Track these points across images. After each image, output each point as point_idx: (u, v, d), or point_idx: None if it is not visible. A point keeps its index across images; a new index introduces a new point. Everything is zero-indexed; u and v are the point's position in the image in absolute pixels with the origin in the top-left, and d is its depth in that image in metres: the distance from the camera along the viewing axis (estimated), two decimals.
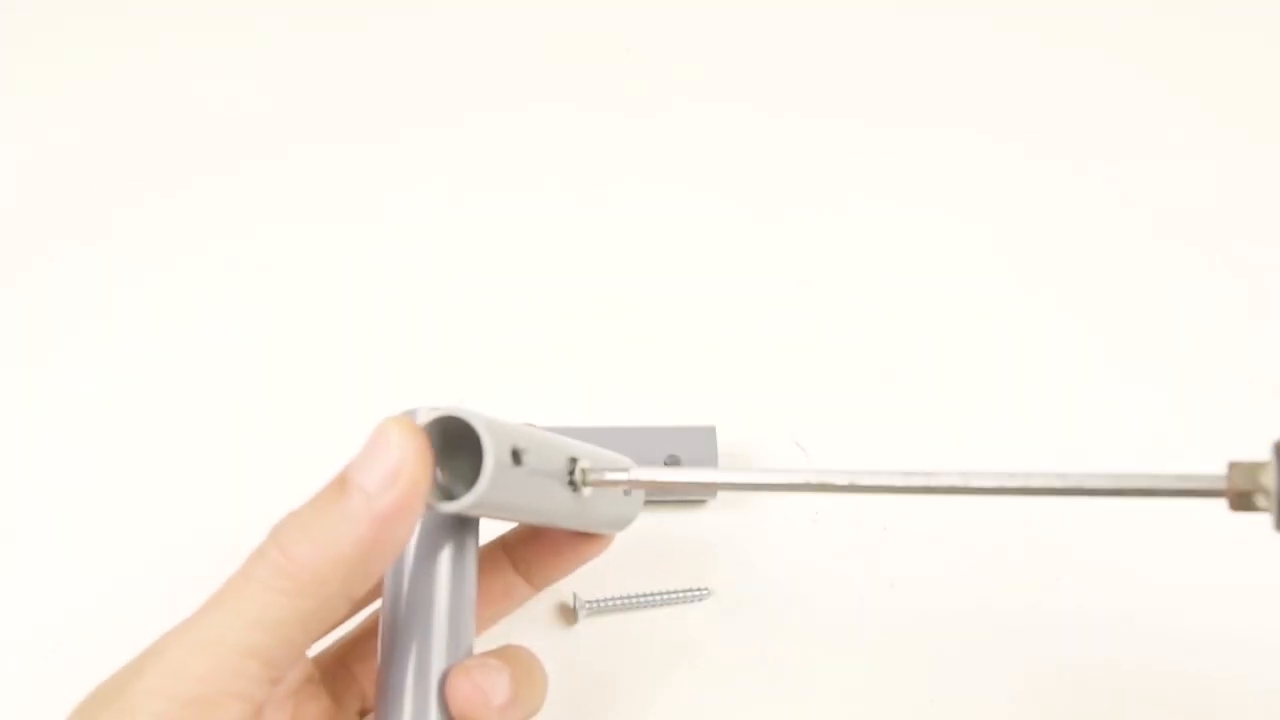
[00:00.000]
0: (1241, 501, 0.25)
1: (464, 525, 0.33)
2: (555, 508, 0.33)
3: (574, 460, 0.33)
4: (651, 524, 0.40)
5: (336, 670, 0.37)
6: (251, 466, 0.48)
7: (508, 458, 0.30)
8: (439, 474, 0.30)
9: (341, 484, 0.28)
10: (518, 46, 0.62)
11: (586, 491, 0.33)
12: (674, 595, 0.44)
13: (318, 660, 0.37)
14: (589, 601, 0.43)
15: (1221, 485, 0.25)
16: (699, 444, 0.45)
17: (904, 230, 0.55)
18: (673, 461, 0.44)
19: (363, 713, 0.36)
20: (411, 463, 0.28)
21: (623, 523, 0.38)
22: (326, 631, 0.36)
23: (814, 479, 0.30)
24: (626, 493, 0.37)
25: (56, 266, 0.54)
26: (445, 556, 0.33)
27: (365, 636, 0.37)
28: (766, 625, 0.43)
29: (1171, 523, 0.44)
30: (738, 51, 0.62)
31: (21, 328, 0.52)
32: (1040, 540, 0.45)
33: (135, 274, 0.54)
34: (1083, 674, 0.42)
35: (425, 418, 0.30)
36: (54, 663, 0.43)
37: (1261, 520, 0.25)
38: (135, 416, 0.49)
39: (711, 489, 0.33)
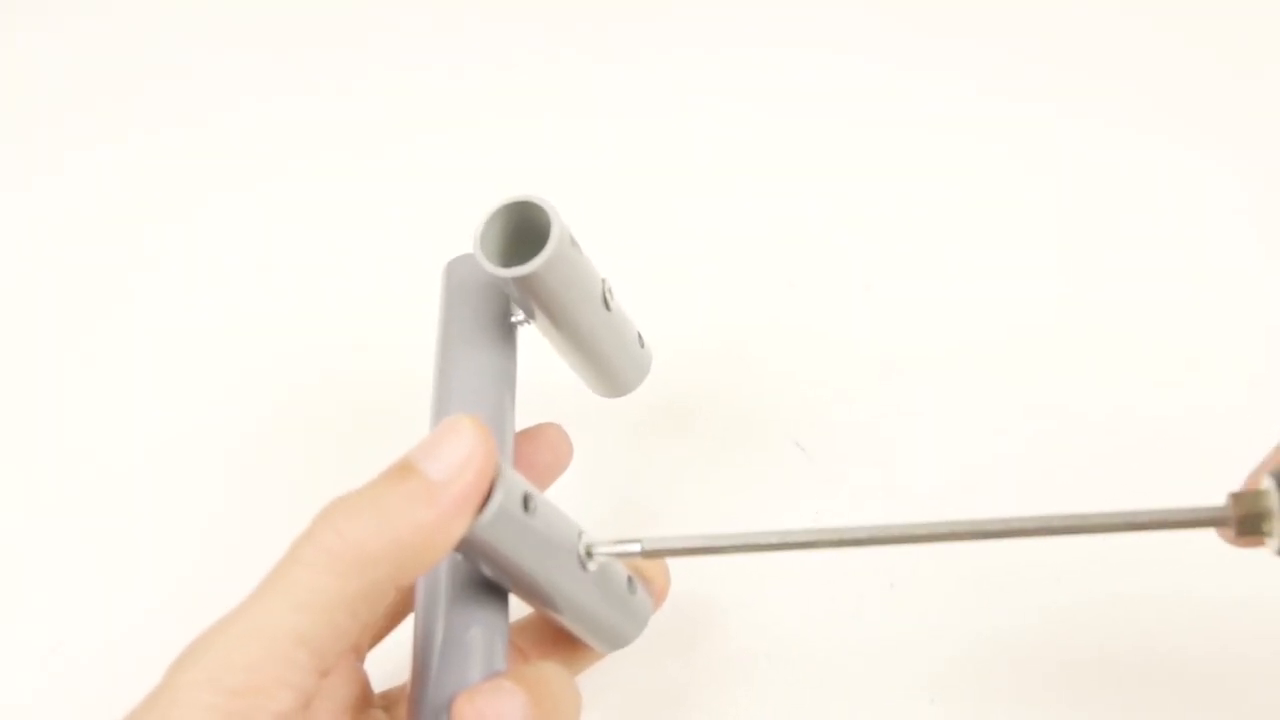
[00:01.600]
0: (1247, 528, 0.26)
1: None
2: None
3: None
4: None
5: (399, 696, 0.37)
6: (252, 469, 0.48)
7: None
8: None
9: (405, 469, 0.29)
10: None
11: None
12: None
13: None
14: None
15: (1226, 515, 0.26)
16: None
17: (905, 227, 0.55)
18: None
19: None
20: (481, 455, 0.28)
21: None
22: (375, 628, 0.36)
23: (833, 536, 0.31)
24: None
25: (68, 273, 0.55)
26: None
27: None
28: (766, 625, 0.44)
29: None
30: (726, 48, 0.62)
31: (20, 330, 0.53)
32: (1040, 538, 0.45)
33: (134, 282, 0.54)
34: (1084, 673, 0.42)
35: (497, 205, 0.34)
36: (53, 663, 0.43)
37: None
38: (135, 417, 0.50)
39: (726, 553, 0.33)
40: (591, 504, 0.47)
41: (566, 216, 0.34)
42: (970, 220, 0.55)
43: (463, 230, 0.35)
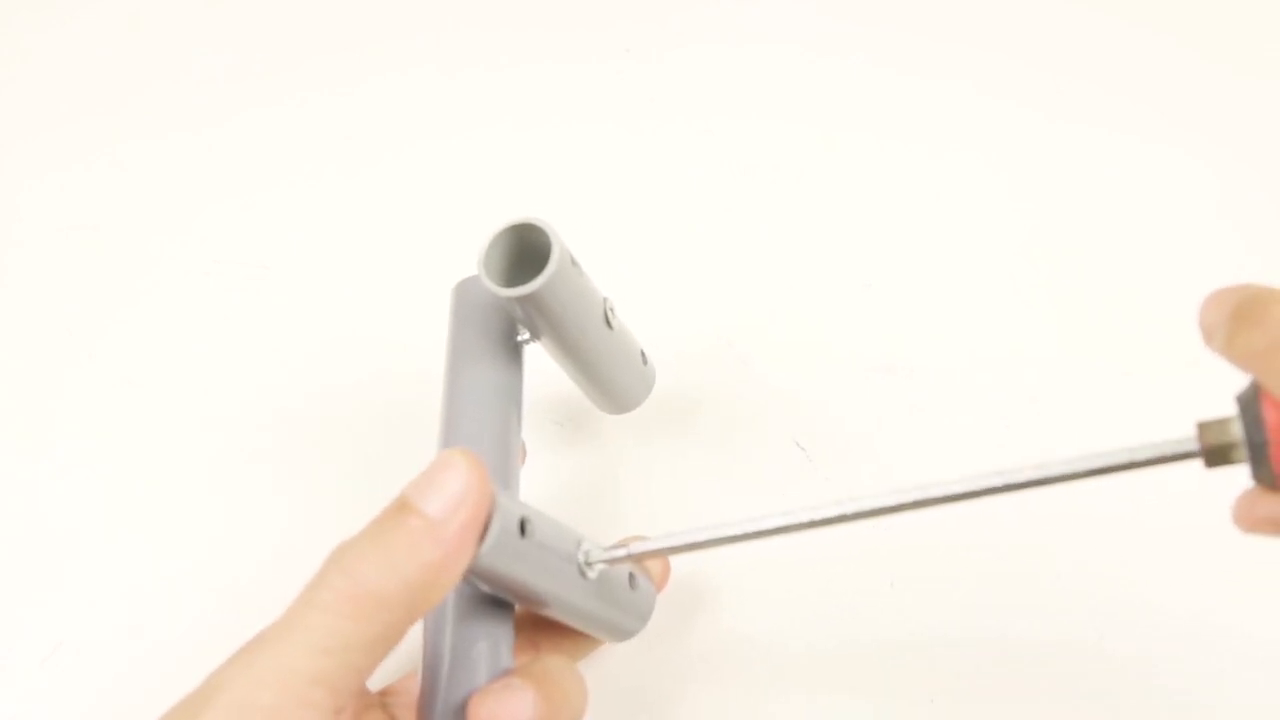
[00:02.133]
0: (1216, 458, 0.25)
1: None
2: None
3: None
4: None
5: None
6: (252, 477, 0.48)
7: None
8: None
9: (403, 508, 0.29)
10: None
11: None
12: None
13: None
14: None
15: (1194, 447, 0.26)
16: None
17: (904, 226, 0.55)
18: None
19: None
20: (476, 489, 0.29)
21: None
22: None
23: (820, 514, 0.31)
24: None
25: (71, 286, 0.56)
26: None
27: None
28: (766, 624, 0.43)
29: (1169, 511, 0.44)
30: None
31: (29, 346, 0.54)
32: (1039, 536, 0.44)
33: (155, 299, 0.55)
34: (1083, 671, 0.42)
35: (500, 227, 0.35)
36: (52, 665, 0.43)
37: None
38: (135, 419, 0.50)
39: (715, 546, 0.33)
40: (592, 505, 0.47)
41: (567, 218, 0.36)
42: (970, 219, 0.55)
43: (467, 234, 0.36)
